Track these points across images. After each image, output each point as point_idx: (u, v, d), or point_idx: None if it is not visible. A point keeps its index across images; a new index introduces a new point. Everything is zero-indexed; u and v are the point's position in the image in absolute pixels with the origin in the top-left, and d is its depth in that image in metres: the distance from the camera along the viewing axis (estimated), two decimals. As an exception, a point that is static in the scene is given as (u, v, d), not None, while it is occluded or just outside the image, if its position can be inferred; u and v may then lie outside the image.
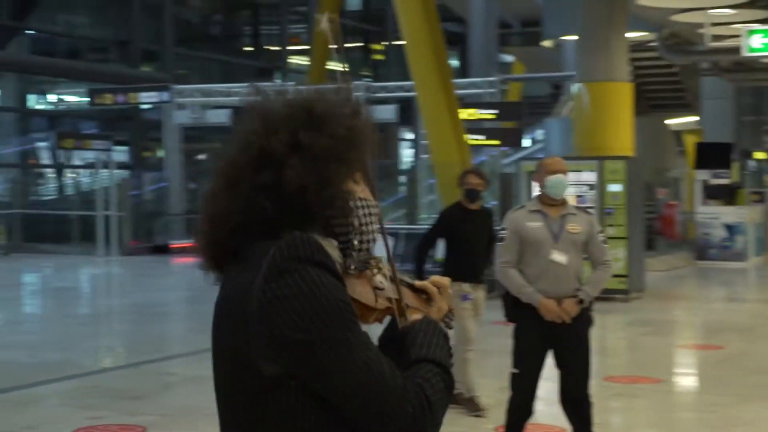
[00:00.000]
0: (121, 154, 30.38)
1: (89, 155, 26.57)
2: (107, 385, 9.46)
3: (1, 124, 33.11)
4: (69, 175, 31.77)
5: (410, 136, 33.28)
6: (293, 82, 23.68)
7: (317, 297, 1.83)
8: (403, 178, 27.38)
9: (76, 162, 30.02)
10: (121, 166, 30.55)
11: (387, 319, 2.11)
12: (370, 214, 2.04)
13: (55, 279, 20.77)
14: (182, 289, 17.84)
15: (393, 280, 2.04)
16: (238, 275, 1.93)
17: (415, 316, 2.05)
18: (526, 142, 30.39)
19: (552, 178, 5.89)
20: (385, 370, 1.87)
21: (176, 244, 24.92)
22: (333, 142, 1.94)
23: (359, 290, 1.99)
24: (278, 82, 26.68)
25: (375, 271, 2.02)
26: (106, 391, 9.10)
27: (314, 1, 31.03)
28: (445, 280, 2.15)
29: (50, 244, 25.31)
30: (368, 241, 2.05)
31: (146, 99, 23.05)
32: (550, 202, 5.97)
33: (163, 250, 24.67)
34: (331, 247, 1.97)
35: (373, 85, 25.51)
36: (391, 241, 2.15)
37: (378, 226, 2.07)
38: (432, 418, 1.90)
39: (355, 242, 2.02)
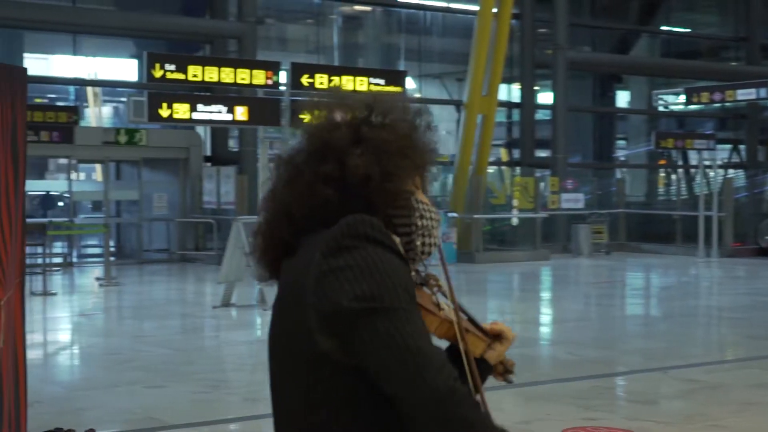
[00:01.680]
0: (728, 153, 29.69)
1: (712, 155, 26.16)
2: (624, 388, 9.31)
3: (633, 126, 34.05)
4: (686, 175, 31.66)
5: None
6: None
7: (373, 270, 1.83)
8: None
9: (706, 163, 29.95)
10: (736, 166, 29.82)
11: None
12: (431, 218, 2.05)
13: (643, 278, 20.88)
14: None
15: (452, 302, 2.07)
16: (296, 263, 1.95)
17: (476, 345, 2.08)
18: None
19: None
20: (434, 353, 1.84)
21: (782, 247, 23.70)
22: (395, 137, 1.98)
23: (420, 297, 2.00)
24: None
25: (435, 289, 2.04)
26: (618, 393, 8.97)
27: None
28: (510, 333, 2.16)
29: (654, 243, 25.46)
30: (431, 245, 2.05)
31: (743, 96, 22.21)
32: None
33: (766, 252, 23.60)
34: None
35: None
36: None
37: (439, 235, 2.09)
38: (477, 411, 1.85)
39: (418, 243, 2.02)
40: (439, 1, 28.41)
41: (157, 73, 14.41)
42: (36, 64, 26.72)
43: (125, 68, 26.42)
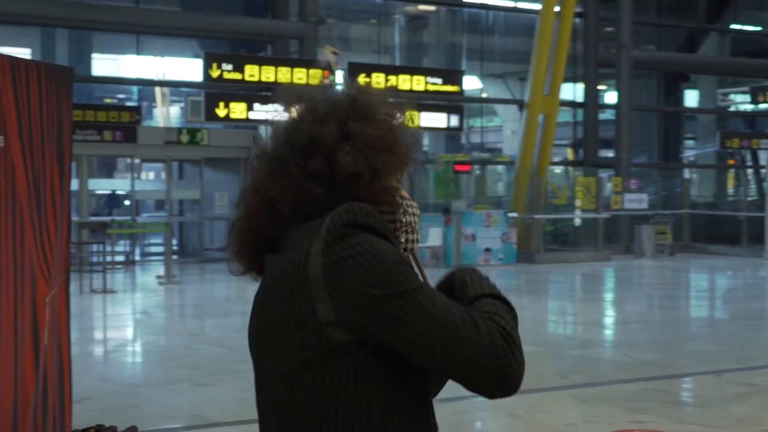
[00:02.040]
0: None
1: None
2: (675, 391, 9.16)
3: (702, 125, 33.57)
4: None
5: None
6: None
7: (382, 255, 1.84)
8: None
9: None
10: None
11: None
12: (414, 214, 2.05)
13: (706, 280, 20.55)
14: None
15: None
16: (285, 256, 1.92)
17: None
18: None
19: None
20: (462, 311, 1.85)
21: None
22: (382, 132, 1.96)
23: None
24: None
25: None
26: (669, 396, 8.82)
27: None
28: None
29: (719, 245, 25.08)
30: (413, 241, 2.05)
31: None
32: None
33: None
34: None
35: None
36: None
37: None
38: (516, 347, 1.87)
39: (402, 239, 2.02)
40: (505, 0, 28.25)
41: (215, 73, 14.54)
42: (104, 64, 27.12)
43: (191, 68, 26.70)
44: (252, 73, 14.44)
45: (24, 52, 24.65)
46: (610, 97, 29.01)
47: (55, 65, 6.66)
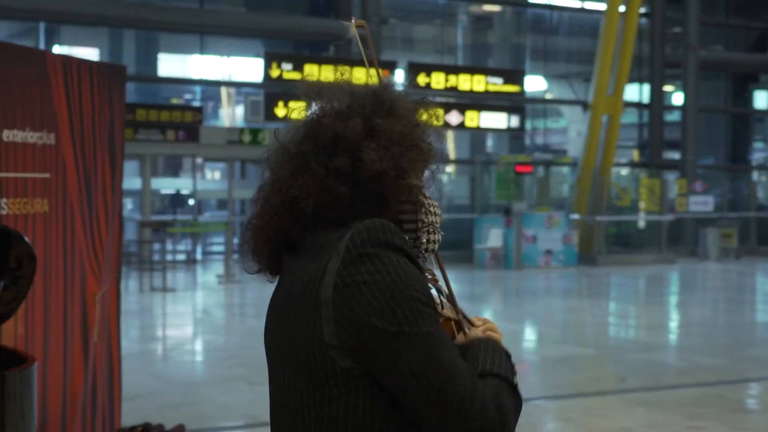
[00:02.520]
0: None
1: None
2: (735, 396, 8.97)
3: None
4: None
5: None
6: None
7: (400, 286, 1.75)
8: None
9: None
10: None
11: None
12: (436, 214, 1.97)
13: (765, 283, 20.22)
14: None
15: (451, 299, 1.99)
16: (305, 266, 1.85)
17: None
18: None
19: None
20: (464, 371, 1.78)
21: None
22: (407, 130, 1.90)
23: None
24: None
25: (431, 285, 1.93)
26: (729, 402, 8.63)
27: None
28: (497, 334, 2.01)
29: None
30: (435, 242, 1.98)
31: None
32: None
33: None
34: None
35: None
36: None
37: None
38: (505, 426, 1.81)
39: (424, 239, 1.95)
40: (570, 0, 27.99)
41: (275, 73, 14.58)
42: (170, 65, 27.37)
43: (254, 69, 26.83)
44: (311, 72, 14.45)
45: (92, 53, 24.98)
46: (677, 98, 28.60)
47: (108, 64, 6.71)
